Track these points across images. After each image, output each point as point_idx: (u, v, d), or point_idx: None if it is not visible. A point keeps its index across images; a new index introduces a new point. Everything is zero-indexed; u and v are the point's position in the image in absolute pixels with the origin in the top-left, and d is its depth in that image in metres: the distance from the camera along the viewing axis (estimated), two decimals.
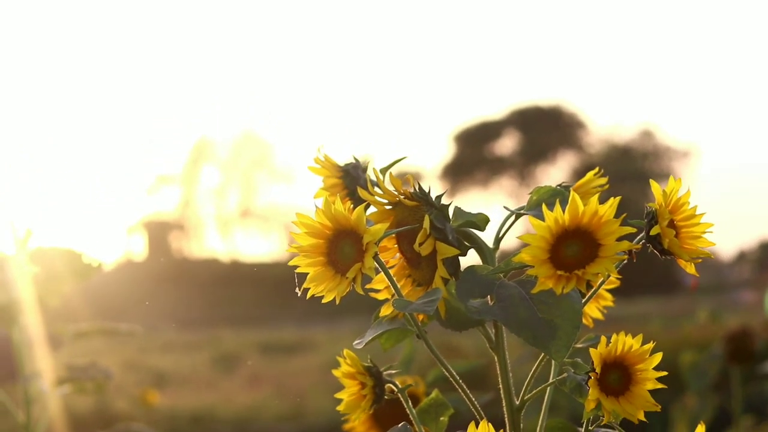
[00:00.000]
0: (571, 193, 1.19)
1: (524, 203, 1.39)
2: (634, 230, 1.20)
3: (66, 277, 2.53)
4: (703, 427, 1.30)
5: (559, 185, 1.44)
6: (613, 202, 1.18)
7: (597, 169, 1.46)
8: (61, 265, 2.51)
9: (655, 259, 1.35)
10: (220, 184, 42.37)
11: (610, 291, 1.57)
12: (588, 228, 1.19)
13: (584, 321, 1.53)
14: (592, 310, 1.54)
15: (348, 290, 1.27)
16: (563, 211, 1.18)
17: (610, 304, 1.53)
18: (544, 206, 1.19)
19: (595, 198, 1.18)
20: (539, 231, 1.18)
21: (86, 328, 2.63)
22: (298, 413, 9.00)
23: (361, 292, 1.27)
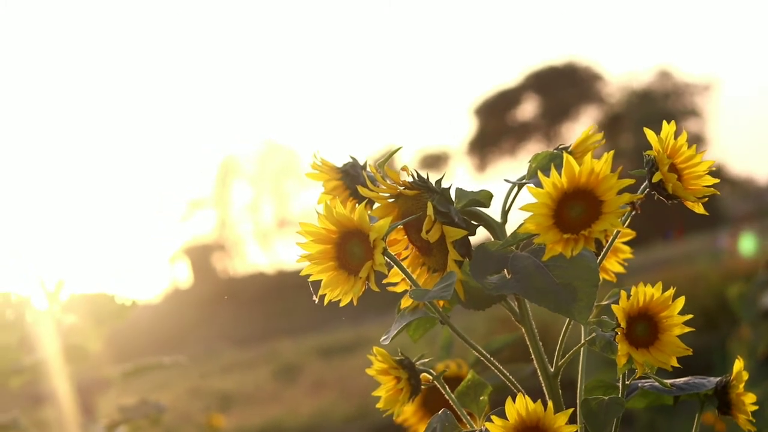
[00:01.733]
0: (564, 156, 1.18)
1: None
2: (632, 181, 1.20)
3: (103, 321, 2.55)
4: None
5: (557, 148, 1.44)
6: (607, 157, 1.18)
7: (592, 126, 1.45)
8: (96, 310, 2.53)
9: None
10: (252, 198, 42.49)
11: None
12: (587, 187, 1.18)
13: (606, 276, 1.52)
14: (612, 265, 1.53)
15: (364, 289, 1.27)
16: (560, 174, 1.18)
17: (629, 255, 1.53)
18: (539, 173, 1.19)
19: (588, 156, 1.18)
20: (539, 198, 1.18)
21: (131, 367, 2.65)
22: (364, 412, 9.01)
23: (376, 289, 1.28)
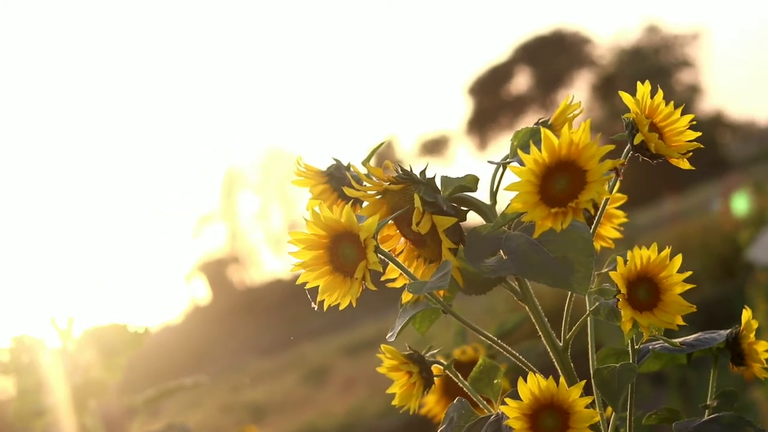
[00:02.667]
0: (542, 130, 1.18)
1: None
2: (612, 147, 1.20)
3: (118, 351, 2.55)
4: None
5: (537, 123, 1.43)
6: (584, 126, 1.17)
7: (569, 96, 1.45)
8: (110, 342, 2.54)
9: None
10: (259, 206, 42.51)
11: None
12: (569, 158, 1.18)
13: (603, 243, 1.52)
14: (608, 231, 1.53)
15: (361, 290, 1.27)
16: (540, 150, 1.17)
17: (624, 220, 1.52)
18: (519, 151, 1.19)
19: (565, 128, 1.17)
20: (522, 176, 1.18)
21: (153, 393, 2.65)
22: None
23: (374, 288, 1.27)
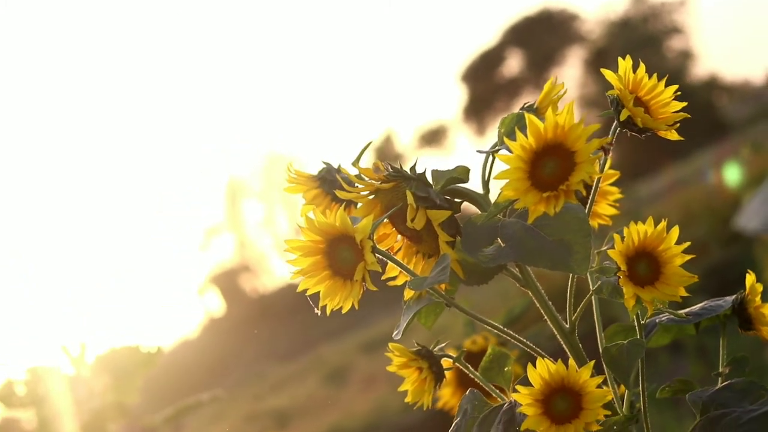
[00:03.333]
0: (526, 116, 1.18)
1: None
2: (598, 126, 1.19)
3: (133, 373, 2.56)
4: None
5: (522, 107, 1.43)
6: (568, 107, 1.17)
7: (553, 78, 1.44)
8: (124, 364, 2.54)
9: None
10: (264, 213, 42.51)
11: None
12: (556, 141, 1.18)
13: (600, 221, 1.52)
14: (604, 209, 1.52)
15: (363, 291, 1.27)
16: (525, 135, 1.17)
17: (619, 196, 1.52)
18: (506, 139, 1.19)
19: (549, 111, 1.17)
20: (511, 163, 1.18)
21: (172, 411, 2.66)
22: None
23: (374, 288, 1.27)
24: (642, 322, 1.33)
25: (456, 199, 1.35)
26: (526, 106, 1.42)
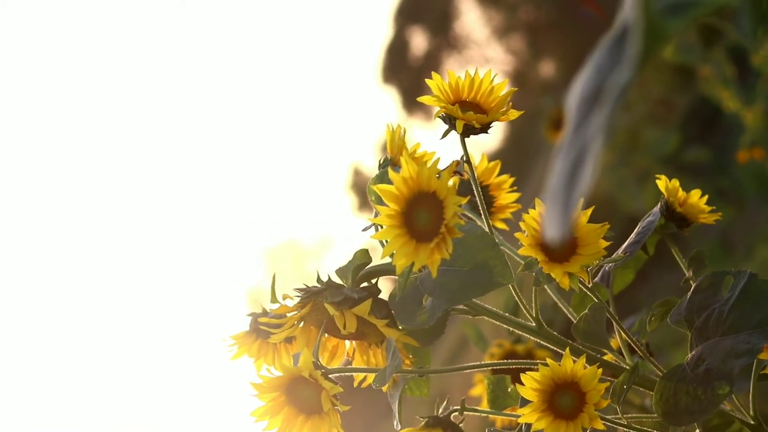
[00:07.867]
0: (372, 188, 1.19)
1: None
2: (437, 158, 1.19)
3: None
4: None
5: (379, 164, 1.42)
6: (406, 158, 1.17)
7: (389, 126, 1.42)
8: None
9: None
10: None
11: None
12: (412, 193, 1.17)
13: (511, 209, 1.50)
14: (507, 198, 1.49)
15: (339, 417, 1.27)
16: (385, 205, 1.17)
17: (511, 180, 1.50)
18: (378, 207, 1.20)
19: (403, 159, 1.17)
20: (388, 235, 1.17)
21: None
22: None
23: (346, 408, 1.28)
24: (589, 284, 1.31)
25: (372, 281, 1.35)
26: (381, 163, 1.41)
